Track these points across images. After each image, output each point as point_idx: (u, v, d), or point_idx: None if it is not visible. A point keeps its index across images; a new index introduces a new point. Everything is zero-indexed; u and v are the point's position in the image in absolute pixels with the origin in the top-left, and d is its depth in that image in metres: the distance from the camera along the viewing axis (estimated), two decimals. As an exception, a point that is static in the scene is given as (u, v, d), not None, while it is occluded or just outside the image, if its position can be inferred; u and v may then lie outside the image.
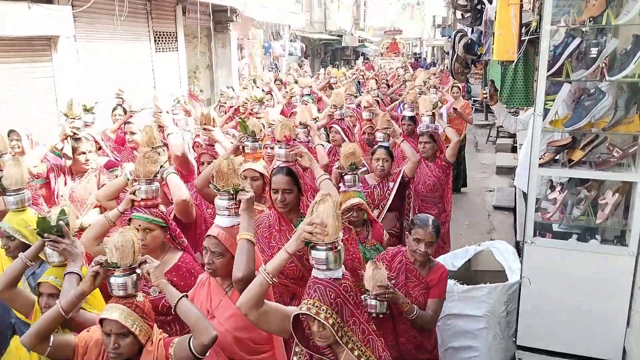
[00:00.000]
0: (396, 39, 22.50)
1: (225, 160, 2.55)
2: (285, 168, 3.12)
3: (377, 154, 4.50)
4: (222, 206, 2.56)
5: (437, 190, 5.10)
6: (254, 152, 3.73)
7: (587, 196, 3.75)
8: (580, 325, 3.66)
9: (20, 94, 7.44)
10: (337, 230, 2.11)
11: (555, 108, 3.67)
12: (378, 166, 4.45)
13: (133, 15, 9.73)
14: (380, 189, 4.48)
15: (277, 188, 3.05)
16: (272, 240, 3.13)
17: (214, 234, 2.54)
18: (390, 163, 4.51)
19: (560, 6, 3.91)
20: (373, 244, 3.58)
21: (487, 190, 9.50)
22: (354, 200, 3.40)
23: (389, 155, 4.49)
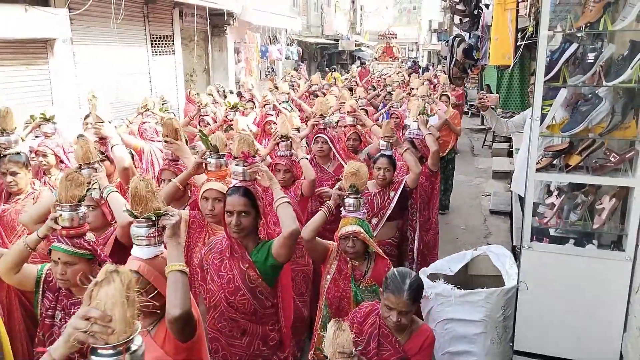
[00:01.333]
0: (390, 43, 22.42)
1: (142, 182, 2.19)
2: (241, 188, 2.82)
3: (379, 162, 4.36)
4: (140, 235, 2.18)
5: (421, 197, 4.97)
6: (218, 169, 3.36)
7: (584, 201, 3.76)
8: (578, 329, 3.66)
9: (17, 96, 7.41)
10: (129, 324, 1.44)
11: (552, 113, 3.68)
12: (379, 175, 4.32)
13: (130, 18, 9.72)
14: (381, 197, 4.37)
15: (231, 210, 2.74)
16: (222, 268, 2.82)
17: (134, 267, 2.14)
18: (392, 172, 4.38)
19: (558, 12, 3.94)
20: (370, 284, 3.12)
21: (484, 195, 9.52)
22: (349, 228, 3.05)
23: (391, 165, 4.36)
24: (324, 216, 3.11)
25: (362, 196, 3.19)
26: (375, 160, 4.41)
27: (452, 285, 3.99)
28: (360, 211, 3.17)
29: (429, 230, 5.05)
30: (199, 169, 3.38)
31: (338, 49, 29.88)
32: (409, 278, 2.59)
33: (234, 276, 2.77)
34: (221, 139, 3.45)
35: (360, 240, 3.08)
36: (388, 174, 4.33)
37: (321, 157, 5.04)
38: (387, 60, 21.58)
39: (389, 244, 4.35)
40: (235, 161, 2.95)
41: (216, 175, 3.33)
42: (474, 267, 4.47)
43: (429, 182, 4.99)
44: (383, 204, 4.33)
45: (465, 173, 11.11)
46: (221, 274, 2.81)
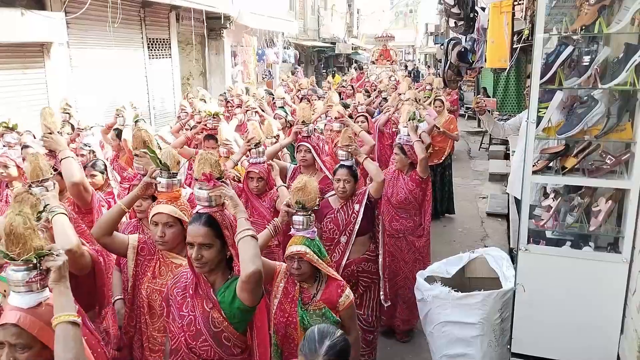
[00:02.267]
0: (387, 46, 22.35)
1: (18, 217, 1.83)
2: (204, 216, 2.45)
3: (338, 174, 4.07)
4: (18, 280, 1.84)
5: (411, 203, 4.92)
6: (169, 190, 2.94)
7: (580, 203, 3.77)
8: (575, 332, 3.67)
9: (13, 100, 7.41)
10: None
11: (548, 116, 3.68)
12: (339, 188, 4.04)
13: (126, 21, 9.72)
14: (345, 212, 4.08)
15: (191, 242, 2.41)
16: (184, 307, 2.48)
17: (12, 320, 1.83)
18: (354, 184, 4.09)
19: (553, 14, 3.94)
20: (320, 307, 2.86)
21: (480, 197, 9.54)
22: (294, 248, 2.82)
23: (352, 176, 4.07)
24: (269, 235, 2.97)
25: (311, 213, 2.96)
26: (335, 172, 4.13)
27: (449, 288, 3.98)
28: (309, 230, 2.93)
29: (421, 236, 4.99)
30: (147, 189, 3.02)
31: (335, 52, 29.94)
32: (329, 339, 2.07)
33: (196, 318, 2.44)
34: (172, 155, 3.02)
35: (307, 262, 2.83)
36: (349, 186, 4.05)
37: (305, 167, 4.77)
38: (385, 63, 21.46)
39: (365, 259, 4.13)
40: (197, 184, 2.51)
41: (168, 197, 2.93)
42: (471, 270, 4.47)
43: (420, 189, 4.90)
44: (349, 219, 4.06)
45: (462, 175, 11.13)
46: (182, 314, 2.48)
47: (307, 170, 4.65)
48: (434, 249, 6.93)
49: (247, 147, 4.30)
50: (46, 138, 3.60)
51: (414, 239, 4.96)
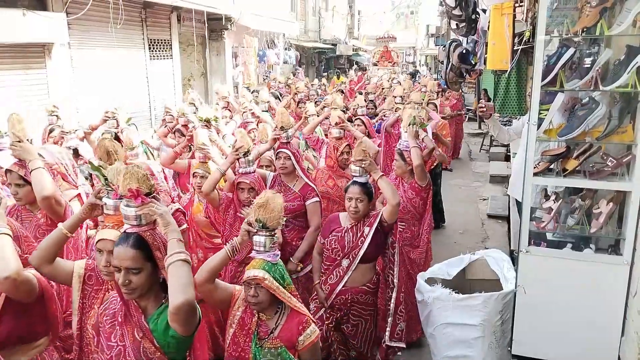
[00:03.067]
0: (388, 47, 22.23)
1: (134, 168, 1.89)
2: (131, 237, 2.19)
3: (349, 192, 3.70)
4: None
5: (410, 212, 4.65)
6: (117, 212, 2.52)
7: (581, 205, 3.77)
8: (575, 334, 3.67)
9: (14, 100, 7.41)
10: None
11: (549, 117, 3.69)
12: (351, 207, 3.66)
13: (128, 22, 9.73)
14: (354, 234, 3.71)
15: (118, 265, 2.16)
16: (112, 337, 2.23)
17: None
18: (367, 203, 3.70)
19: (554, 16, 3.94)
20: (276, 345, 2.55)
21: (481, 199, 9.53)
22: (251, 272, 2.54)
23: (365, 194, 3.67)
24: (225, 257, 2.61)
25: (274, 234, 2.66)
26: (347, 189, 3.77)
27: (450, 290, 3.98)
28: (270, 252, 2.63)
29: (417, 247, 4.70)
30: (92, 211, 2.66)
31: (336, 54, 29.94)
32: None
33: (125, 348, 2.19)
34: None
35: (265, 290, 2.53)
36: (362, 205, 3.66)
37: (285, 175, 4.46)
38: (386, 65, 21.28)
39: (364, 291, 3.75)
40: (124, 201, 2.24)
41: (115, 220, 2.56)
42: (472, 272, 4.47)
43: (419, 198, 4.66)
44: (355, 242, 3.68)
45: (462, 177, 11.13)
46: (110, 344, 2.23)
47: (287, 178, 4.44)
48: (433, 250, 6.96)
49: (234, 156, 4.01)
50: (14, 147, 3.28)
51: (409, 250, 4.64)
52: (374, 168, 3.73)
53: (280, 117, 4.58)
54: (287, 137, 4.49)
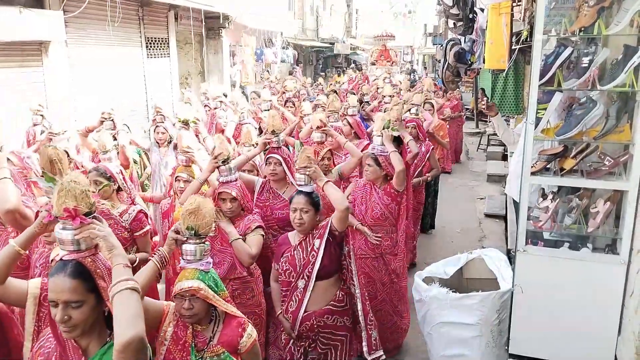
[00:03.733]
0: (387, 46, 22.07)
1: None
2: (70, 264, 1.89)
3: (293, 202, 3.39)
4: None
5: (387, 219, 4.45)
6: None
7: (578, 205, 3.77)
8: (572, 333, 3.67)
9: (11, 98, 7.39)
10: None
11: (546, 117, 3.69)
12: (295, 219, 3.34)
13: (125, 20, 9.71)
14: (304, 249, 3.36)
15: (55, 300, 1.86)
16: None
17: None
18: (314, 214, 3.37)
19: (552, 16, 3.94)
20: (218, 352, 2.44)
21: (479, 198, 9.54)
22: (185, 284, 2.39)
23: (311, 205, 3.36)
24: (154, 269, 2.42)
25: (205, 241, 2.52)
26: (291, 200, 3.46)
27: (447, 289, 3.99)
28: (203, 261, 2.49)
29: (396, 255, 4.52)
30: (47, 226, 2.27)
31: (333, 52, 29.94)
32: None
33: None
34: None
35: (200, 300, 2.40)
36: (307, 217, 3.33)
37: (275, 182, 4.23)
38: (385, 64, 21.03)
39: (329, 312, 3.39)
40: (60, 223, 1.92)
41: None
42: (469, 271, 4.47)
43: (395, 203, 4.45)
44: (307, 259, 3.33)
45: (460, 177, 11.14)
46: None
47: (277, 185, 4.23)
48: (431, 249, 6.99)
49: (214, 164, 3.75)
50: None
51: (390, 258, 4.50)
52: (318, 175, 3.42)
53: (271, 121, 4.35)
54: (278, 141, 4.27)
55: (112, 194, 3.80)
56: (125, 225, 3.66)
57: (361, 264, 4.36)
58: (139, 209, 3.79)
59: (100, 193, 3.65)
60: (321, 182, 3.40)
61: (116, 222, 3.61)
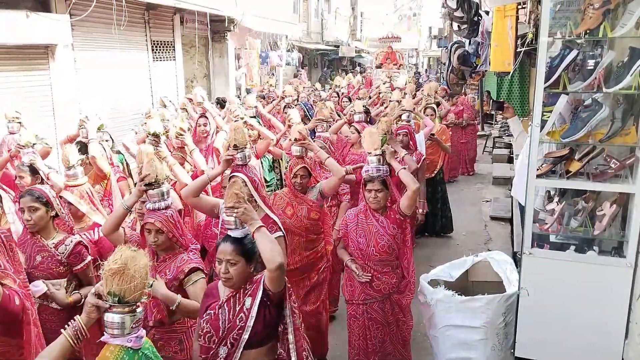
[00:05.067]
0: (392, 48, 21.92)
1: None
2: None
3: (219, 252, 2.66)
4: None
5: (394, 251, 3.84)
6: None
7: (584, 207, 3.76)
8: (579, 336, 3.66)
9: (17, 102, 7.42)
10: None
11: (552, 119, 3.69)
12: (221, 270, 2.62)
13: (131, 24, 9.74)
14: (230, 308, 2.60)
15: None
16: None
17: None
18: (245, 265, 2.62)
19: (557, 18, 3.94)
20: None
21: (484, 201, 9.52)
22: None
23: (241, 255, 2.61)
24: (66, 346, 2.02)
25: (135, 309, 2.06)
26: (217, 246, 2.71)
27: (452, 292, 3.98)
28: (132, 335, 2.03)
29: (404, 292, 3.91)
30: None
31: (338, 55, 29.95)
32: None
33: None
34: None
35: None
36: (235, 270, 2.59)
37: None
38: (391, 67, 20.68)
39: None
40: None
41: None
42: (475, 273, 4.47)
43: (401, 231, 3.85)
44: (233, 321, 2.58)
45: (465, 179, 11.11)
46: None
47: None
48: (436, 252, 6.98)
49: (139, 188, 3.20)
50: None
51: (399, 297, 3.91)
52: (249, 217, 2.56)
53: (234, 134, 3.77)
54: (243, 158, 3.75)
55: (49, 222, 3.40)
56: (62, 259, 3.35)
57: (366, 310, 3.91)
58: (77, 240, 3.44)
59: (35, 220, 3.31)
60: (253, 227, 2.55)
61: (51, 255, 3.33)
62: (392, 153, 4.03)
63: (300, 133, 4.36)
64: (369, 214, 3.87)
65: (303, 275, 4.35)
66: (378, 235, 3.81)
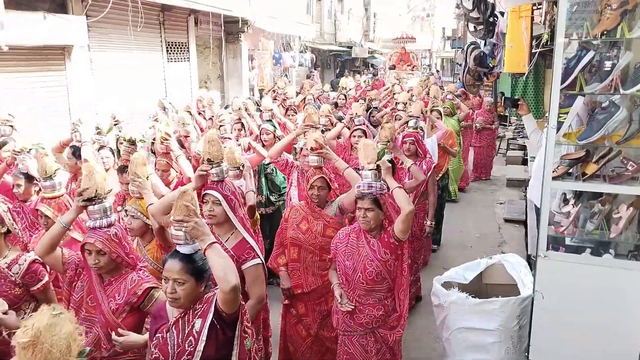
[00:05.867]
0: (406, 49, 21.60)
1: None
2: None
3: (165, 269, 2.42)
4: None
5: (385, 279, 3.34)
6: None
7: (600, 210, 3.72)
8: (594, 340, 3.62)
9: (34, 102, 7.53)
10: None
11: (568, 121, 3.66)
12: (167, 291, 2.39)
13: (146, 25, 9.82)
14: (179, 331, 2.41)
15: None
16: None
17: None
18: (195, 285, 2.39)
19: (574, 19, 3.91)
20: None
21: (498, 203, 9.46)
22: None
23: (189, 273, 2.38)
24: None
25: None
26: (164, 262, 2.47)
27: (466, 294, 3.97)
28: None
29: (394, 327, 3.43)
30: None
31: (351, 56, 29.95)
32: None
33: None
34: None
35: None
36: (183, 290, 2.37)
37: (216, 226, 3.28)
38: (405, 68, 20.33)
39: None
40: None
41: None
42: (489, 276, 4.44)
43: (395, 257, 3.37)
44: (182, 345, 2.38)
45: (478, 181, 11.05)
46: None
47: (219, 230, 3.28)
48: (449, 254, 6.94)
49: (77, 204, 2.87)
50: None
51: (386, 333, 3.41)
52: (200, 233, 2.32)
53: (208, 147, 3.33)
54: (220, 173, 3.30)
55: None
56: (16, 280, 3.04)
57: (344, 342, 3.51)
58: (31, 258, 3.12)
59: None
60: (203, 244, 2.32)
61: (4, 277, 3.03)
62: (389, 169, 3.53)
63: (317, 141, 4.04)
64: (361, 235, 3.43)
65: (320, 299, 3.93)
66: (367, 259, 3.35)
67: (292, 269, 3.96)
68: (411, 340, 4.92)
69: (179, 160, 4.55)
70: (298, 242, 3.89)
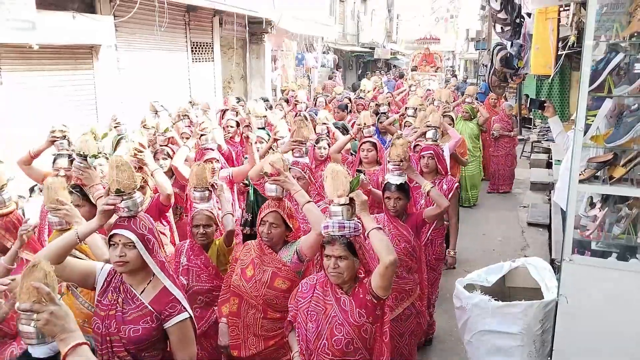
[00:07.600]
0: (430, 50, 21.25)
1: None
2: None
3: None
4: None
5: (358, 350, 2.60)
6: None
7: (628, 214, 3.67)
8: (618, 346, 3.57)
9: (62, 100, 7.68)
10: None
11: (596, 124, 3.61)
12: None
13: (172, 25, 9.96)
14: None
15: None
16: None
17: None
18: None
19: (602, 21, 3.86)
20: None
21: (521, 207, 9.36)
22: None
23: None
24: None
25: None
26: None
27: (489, 297, 3.94)
28: None
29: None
30: None
31: (373, 57, 29.90)
32: None
33: None
34: None
35: None
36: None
37: (129, 274, 2.55)
38: (429, 70, 19.88)
39: None
40: None
41: None
42: (512, 279, 4.40)
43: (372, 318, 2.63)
44: None
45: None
46: None
47: (131, 279, 2.59)
48: (471, 257, 6.89)
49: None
50: None
51: None
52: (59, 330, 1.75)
53: (115, 173, 2.51)
54: (133, 206, 2.52)
55: None
56: None
57: None
58: None
59: None
60: (64, 346, 1.75)
61: None
62: (364, 203, 2.72)
63: (274, 166, 3.18)
64: (328, 290, 2.68)
65: None
66: (336, 322, 2.61)
67: (231, 324, 3.23)
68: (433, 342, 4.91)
69: (155, 175, 3.98)
70: (238, 292, 3.19)
